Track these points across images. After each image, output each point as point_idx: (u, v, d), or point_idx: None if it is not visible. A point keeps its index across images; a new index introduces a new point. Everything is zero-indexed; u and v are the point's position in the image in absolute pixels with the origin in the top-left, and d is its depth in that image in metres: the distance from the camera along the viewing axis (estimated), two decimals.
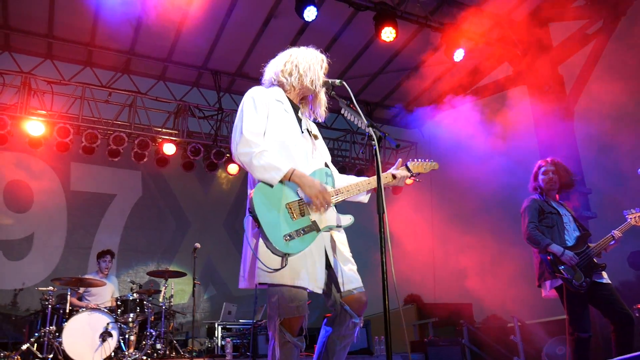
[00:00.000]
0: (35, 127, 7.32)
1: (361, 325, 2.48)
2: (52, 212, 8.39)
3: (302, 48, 2.69)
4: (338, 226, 2.49)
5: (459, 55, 7.18)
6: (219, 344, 6.15)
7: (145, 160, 8.07)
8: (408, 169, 2.78)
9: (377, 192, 2.19)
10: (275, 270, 2.23)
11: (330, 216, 2.44)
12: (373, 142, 2.26)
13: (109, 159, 7.89)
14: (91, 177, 8.68)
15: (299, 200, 2.35)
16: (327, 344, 2.46)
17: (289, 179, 2.33)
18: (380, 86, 9.14)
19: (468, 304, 7.95)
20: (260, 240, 2.27)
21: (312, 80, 2.58)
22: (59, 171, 8.50)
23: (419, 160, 2.87)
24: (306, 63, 2.59)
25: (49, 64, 7.98)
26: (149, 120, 8.29)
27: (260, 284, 2.28)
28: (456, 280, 7.79)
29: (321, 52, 2.69)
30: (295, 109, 2.62)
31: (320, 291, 2.36)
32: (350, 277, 2.43)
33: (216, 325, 6.45)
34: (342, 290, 2.41)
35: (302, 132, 2.55)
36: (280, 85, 2.62)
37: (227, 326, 6.38)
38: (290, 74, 2.59)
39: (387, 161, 9.38)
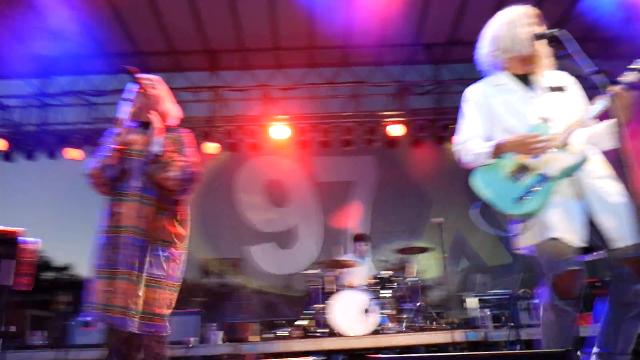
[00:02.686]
0: (279, 131, 8.24)
1: None
2: (308, 204, 9.39)
3: (500, 15, 2.55)
4: (573, 169, 2.26)
5: None
6: (477, 315, 6.18)
7: (376, 144, 8.44)
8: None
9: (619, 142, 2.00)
10: (523, 233, 2.26)
11: (558, 162, 2.26)
12: (603, 89, 2.11)
13: (344, 149, 8.45)
14: (332, 168, 9.43)
15: (515, 164, 2.34)
16: (609, 313, 2.25)
17: (498, 154, 2.36)
18: None
19: None
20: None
21: (520, 47, 2.45)
22: (305, 167, 9.44)
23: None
24: (506, 34, 2.47)
25: (280, 73, 8.83)
26: (374, 106, 8.68)
27: (519, 249, 2.33)
28: None
29: (525, 5, 2.51)
30: (523, 78, 2.50)
31: (583, 244, 2.19)
32: (619, 231, 2.15)
33: (471, 297, 6.47)
34: (612, 247, 2.17)
35: (533, 99, 2.42)
36: (496, 67, 2.53)
37: (483, 297, 6.35)
38: (497, 54, 2.51)
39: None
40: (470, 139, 2.47)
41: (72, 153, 8.18)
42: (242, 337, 6.26)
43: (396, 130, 8.35)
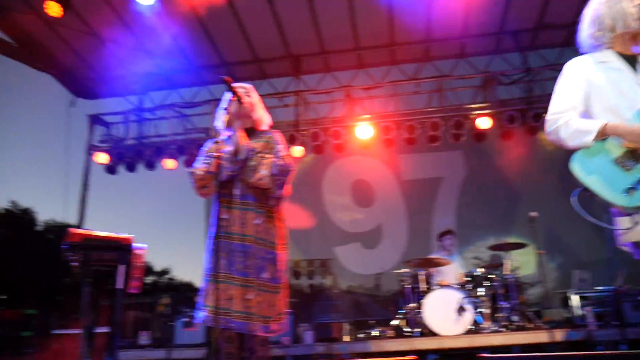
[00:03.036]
0: (363, 130, 8.22)
1: None
2: (393, 203, 9.38)
3: None
4: None
5: None
6: (577, 313, 5.85)
7: (463, 139, 8.23)
8: None
9: None
10: (629, 228, 2.11)
11: None
12: None
13: (430, 145, 8.31)
14: (418, 165, 9.36)
15: (626, 151, 2.15)
16: None
17: (604, 136, 2.18)
18: None
19: None
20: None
21: (626, 23, 2.29)
22: (390, 165, 9.46)
23: None
24: (610, 9, 2.31)
25: (362, 73, 8.86)
26: (459, 99, 8.49)
27: (623, 245, 2.19)
28: None
29: None
30: (630, 59, 2.33)
31: None
32: None
33: (571, 294, 6.14)
34: None
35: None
36: (600, 46, 2.38)
37: (584, 294, 6.00)
38: (602, 32, 2.35)
39: None
40: (568, 111, 2.30)
41: (168, 163, 8.60)
42: (333, 337, 6.35)
43: (484, 123, 8.08)
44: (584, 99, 2.33)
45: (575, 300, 5.99)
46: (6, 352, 6.65)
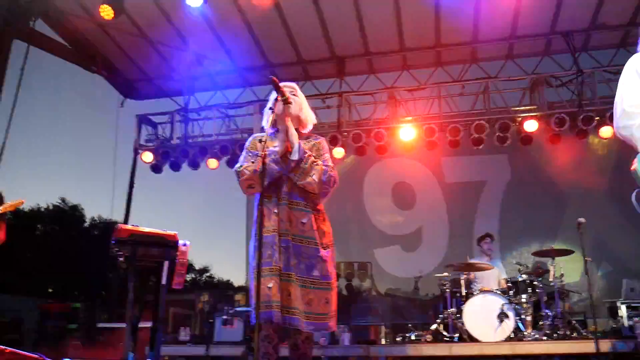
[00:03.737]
0: (406, 132, 8.13)
1: None
2: (434, 206, 9.32)
3: None
4: None
5: None
6: (625, 324, 5.69)
7: (508, 142, 8.07)
8: None
9: None
10: None
11: None
12: None
13: (474, 148, 8.18)
14: (461, 168, 9.27)
15: None
16: None
17: None
18: None
19: None
20: None
21: None
22: (432, 167, 9.40)
23: None
24: None
25: (406, 74, 8.83)
26: (505, 102, 8.38)
27: None
28: None
29: None
30: None
31: None
32: None
33: (619, 304, 5.97)
34: None
35: None
36: None
37: (632, 304, 5.82)
38: None
39: None
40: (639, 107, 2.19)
41: (211, 163, 8.78)
42: (370, 340, 6.38)
43: (531, 126, 7.91)
44: None
45: (623, 310, 5.82)
46: (53, 343, 6.95)
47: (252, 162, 2.97)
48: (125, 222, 8.27)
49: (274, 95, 3.04)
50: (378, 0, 7.37)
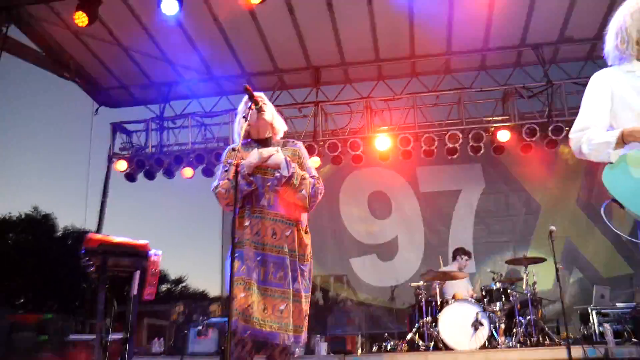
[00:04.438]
0: (381, 142, 8.18)
1: None
2: (409, 215, 9.38)
3: (625, 5, 2.36)
4: None
5: None
6: (596, 330, 5.78)
7: (482, 151, 8.17)
8: None
9: None
10: None
11: None
12: None
13: (448, 157, 8.26)
14: (436, 178, 9.35)
15: None
16: None
17: (624, 143, 2.14)
18: None
19: None
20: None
21: None
22: (407, 177, 9.46)
23: None
24: (635, 21, 2.29)
25: (382, 84, 8.85)
26: (479, 112, 8.52)
27: None
28: None
29: None
30: None
31: None
32: None
33: (590, 310, 6.08)
34: None
35: None
36: (626, 58, 2.35)
37: (603, 310, 5.93)
38: (627, 44, 2.32)
39: None
40: (591, 127, 2.26)
41: (187, 172, 8.68)
42: (346, 350, 6.34)
43: (504, 136, 8.04)
44: (611, 111, 2.31)
45: (594, 316, 5.94)
46: (23, 357, 6.75)
47: (227, 180, 2.88)
48: (98, 231, 8.10)
49: (242, 105, 3.04)
50: (353, 11, 7.40)
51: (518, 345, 5.65)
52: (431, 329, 5.91)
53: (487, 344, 5.61)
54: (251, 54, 8.37)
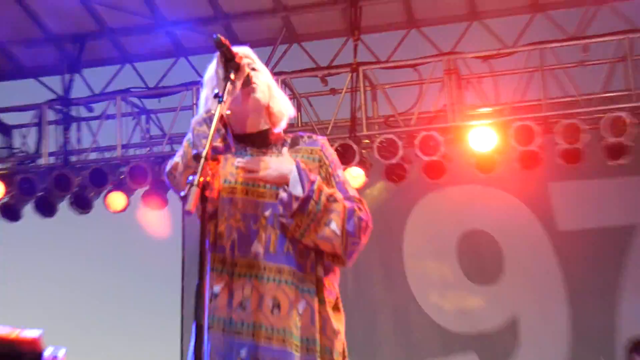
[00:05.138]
0: (480, 136, 8.22)
1: None
2: (539, 277, 9.28)
3: None
4: None
5: None
6: None
7: None
8: None
9: None
10: None
11: None
12: None
13: (610, 163, 8.19)
14: (587, 202, 9.24)
15: None
16: None
17: None
18: None
19: None
20: None
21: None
22: (532, 203, 9.34)
23: None
24: None
25: (479, 29, 8.82)
26: None
27: None
28: None
29: None
30: None
31: None
32: None
33: None
34: None
35: None
36: None
37: None
38: None
39: None
40: None
41: (115, 200, 8.77)
42: None
43: None
44: None
45: None
46: None
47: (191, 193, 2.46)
48: None
49: (211, 72, 2.79)
50: None
51: None
52: None
53: None
54: None
